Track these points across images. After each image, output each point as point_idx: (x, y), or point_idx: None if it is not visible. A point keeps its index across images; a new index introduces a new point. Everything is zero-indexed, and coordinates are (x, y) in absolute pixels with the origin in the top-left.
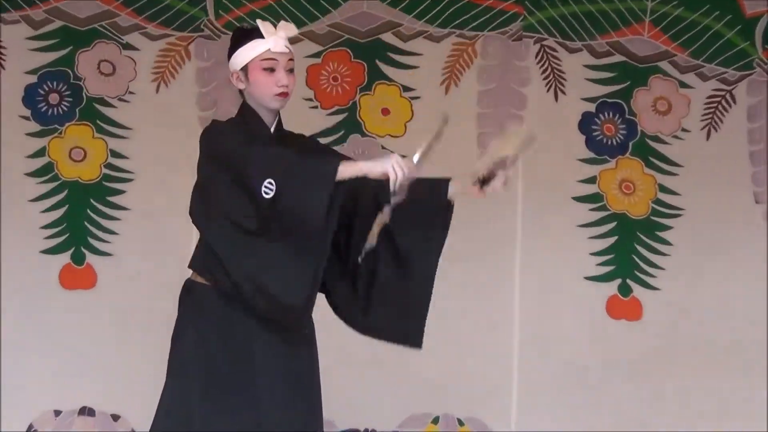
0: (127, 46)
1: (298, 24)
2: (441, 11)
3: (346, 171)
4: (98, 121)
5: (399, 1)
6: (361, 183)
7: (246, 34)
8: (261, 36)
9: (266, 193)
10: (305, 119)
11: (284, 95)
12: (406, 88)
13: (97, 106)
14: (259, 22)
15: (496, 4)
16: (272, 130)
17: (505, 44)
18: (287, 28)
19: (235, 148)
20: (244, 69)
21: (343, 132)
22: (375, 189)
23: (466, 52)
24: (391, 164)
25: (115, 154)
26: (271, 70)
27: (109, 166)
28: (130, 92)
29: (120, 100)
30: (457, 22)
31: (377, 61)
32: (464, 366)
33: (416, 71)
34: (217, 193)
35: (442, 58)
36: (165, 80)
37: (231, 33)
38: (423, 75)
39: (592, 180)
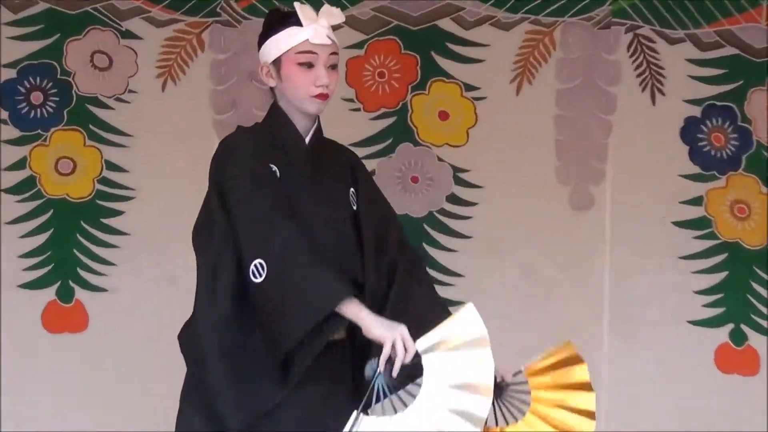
0: (127, 34)
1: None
2: None
3: (347, 310)
4: (91, 126)
5: None
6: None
7: (281, 18)
8: (299, 23)
9: (254, 276)
10: (344, 124)
11: (323, 97)
12: (469, 87)
13: (90, 107)
14: (297, 5)
15: None
16: (308, 139)
17: (590, 33)
18: (331, 15)
19: (244, 196)
20: (276, 62)
21: (390, 140)
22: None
23: (542, 43)
24: (393, 337)
25: (112, 167)
26: (309, 65)
27: (104, 181)
28: (131, 91)
29: (117, 100)
30: (531, 5)
31: (433, 53)
32: None
33: (481, 65)
34: (211, 238)
35: (514, 49)
36: (173, 76)
37: (253, 19)
38: (489, 70)
39: (697, 201)
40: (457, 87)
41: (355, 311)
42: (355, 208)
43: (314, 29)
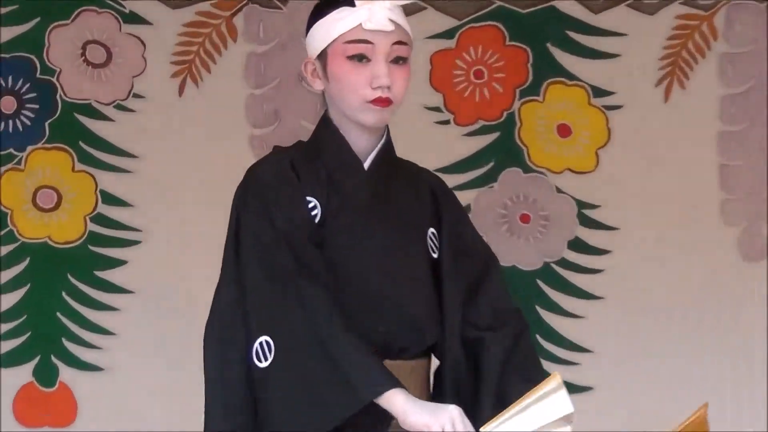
0: (132, 18)
1: None
2: None
3: (384, 402)
4: (82, 143)
5: None
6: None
7: None
8: (352, 2)
9: (258, 359)
10: (429, 142)
11: (384, 102)
12: (600, 92)
13: (81, 117)
14: None
15: None
16: (368, 163)
17: (765, 16)
18: None
19: (254, 256)
20: (322, 56)
21: (492, 164)
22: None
23: (699, 31)
24: (441, 424)
25: (110, 200)
26: (363, 58)
27: (100, 218)
28: (136, 95)
29: (118, 108)
30: None
31: (549, 45)
32: None
33: (616, 62)
34: (219, 293)
35: (661, 39)
36: (194, 76)
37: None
38: (627, 69)
39: None
40: (583, 92)
41: (391, 403)
42: (436, 255)
43: (369, 10)
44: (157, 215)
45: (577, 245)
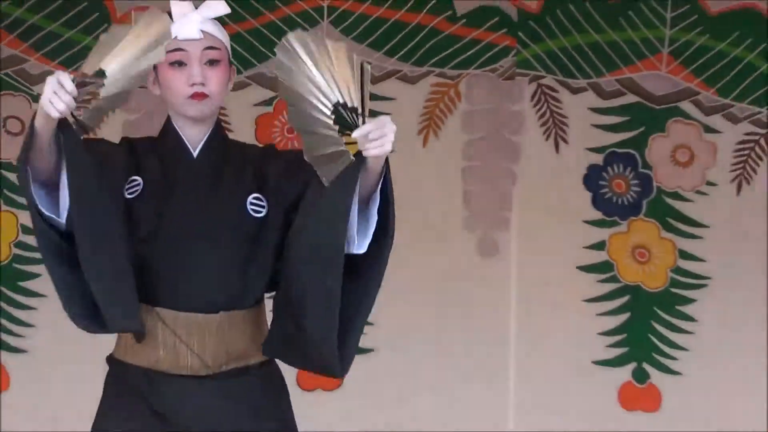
0: (39, 98)
1: (245, 65)
2: (417, 46)
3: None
4: (6, 191)
5: (366, 35)
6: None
7: None
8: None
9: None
10: None
11: (199, 96)
12: None
13: (5, 172)
14: (172, 1)
15: (483, 36)
16: (197, 152)
17: (495, 84)
18: (208, 7)
19: None
20: (155, 68)
21: None
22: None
23: (448, 95)
24: (47, 92)
25: (28, 230)
26: (181, 63)
27: (21, 245)
28: None
29: None
30: (436, 59)
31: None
32: None
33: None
34: None
35: (420, 101)
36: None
37: None
38: (397, 123)
39: (600, 246)
40: None
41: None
42: (262, 214)
43: (180, 23)
44: None
45: None
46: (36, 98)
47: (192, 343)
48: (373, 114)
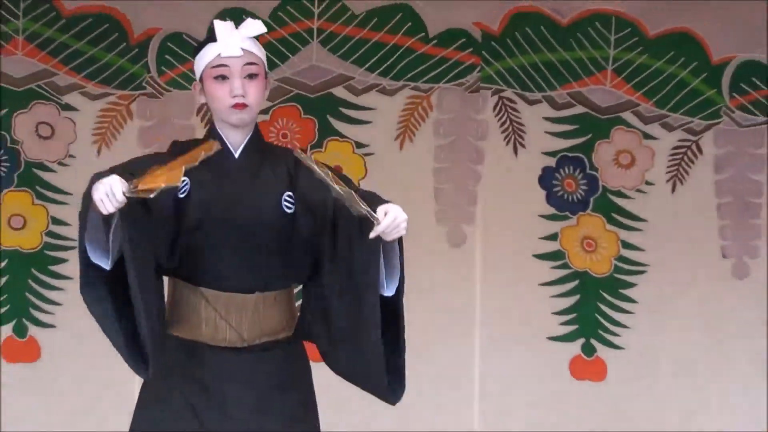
0: (66, 107)
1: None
2: (394, 63)
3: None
4: (38, 187)
5: (350, 54)
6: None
7: (206, 38)
8: (215, 39)
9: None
10: None
11: (240, 106)
12: (360, 144)
13: (36, 171)
14: (215, 21)
15: (451, 54)
16: (239, 152)
17: (462, 96)
18: (247, 26)
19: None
20: (201, 80)
21: None
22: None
23: (421, 106)
24: (99, 192)
25: (57, 222)
26: (223, 77)
27: (51, 234)
28: (70, 155)
29: (60, 164)
30: (411, 74)
31: (328, 117)
32: (424, 426)
33: (369, 126)
34: None
35: (397, 111)
36: (106, 142)
37: (173, 91)
38: (377, 130)
39: (553, 237)
40: (349, 145)
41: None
42: (291, 210)
43: (226, 42)
44: None
45: None
46: (64, 107)
47: (230, 319)
48: (358, 122)
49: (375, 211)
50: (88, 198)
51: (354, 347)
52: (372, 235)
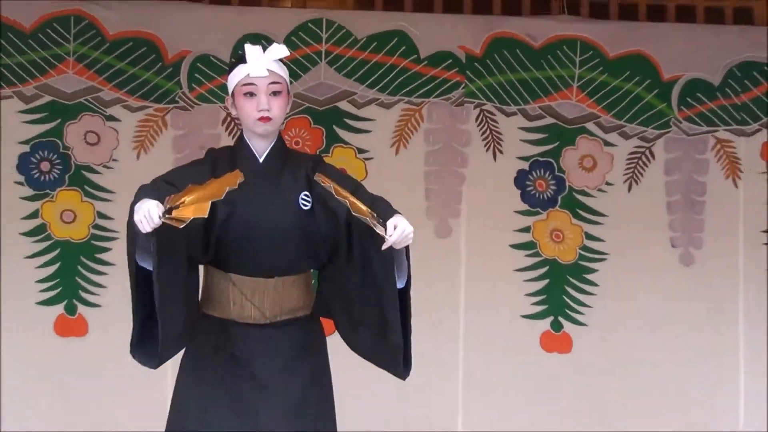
0: (110, 118)
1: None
2: (391, 80)
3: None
4: (86, 186)
5: (353, 72)
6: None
7: (237, 59)
8: (245, 60)
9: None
10: None
11: (266, 119)
12: (361, 150)
13: (84, 172)
14: (247, 46)
15: (440, 73)
16: (263, 157)
17: (449, 109)
18: (272, 50)
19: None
20: (232, 96)
21: None
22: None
23: (414, 117)
24: (139, 214)
25: (102, 216)
26: (252, 94)
27: (97, 226)
28: (114, 159)
29: (104, 167)
30: (405, 90)
31: (334, 127)
32: (408, 401)
33: (369, 135)
34: None
35: (393, 122)
36: (144, 148)
37: (202, 104)
38: (376, 138)
39: (526, 230)
40: (352, 151)
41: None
42: (308, 207)
43: (254, 64)
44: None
45: None
46: (108, 118)
47: (254, 299)
48: (360, 131)
49: (386, 221)
50: (132, 212)
51: (375, 336)
52: (384, 247)
